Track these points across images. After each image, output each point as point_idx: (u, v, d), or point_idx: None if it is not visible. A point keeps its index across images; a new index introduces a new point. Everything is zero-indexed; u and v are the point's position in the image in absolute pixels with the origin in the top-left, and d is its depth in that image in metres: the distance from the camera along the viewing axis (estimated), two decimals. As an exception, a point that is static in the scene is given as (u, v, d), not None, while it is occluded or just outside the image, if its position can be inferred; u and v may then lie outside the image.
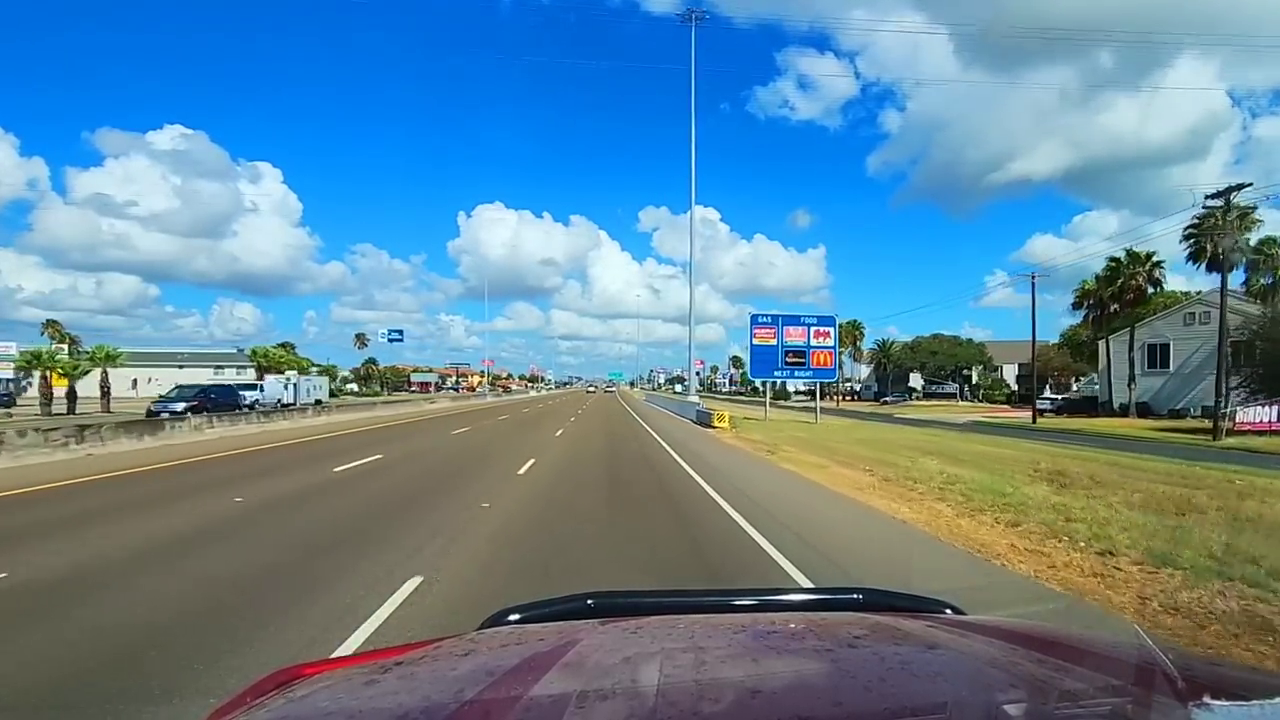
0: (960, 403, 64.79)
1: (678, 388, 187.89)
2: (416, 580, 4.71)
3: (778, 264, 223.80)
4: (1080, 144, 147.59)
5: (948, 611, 1.31)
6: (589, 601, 1.30)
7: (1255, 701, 0.84)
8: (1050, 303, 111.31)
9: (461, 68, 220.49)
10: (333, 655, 3.04)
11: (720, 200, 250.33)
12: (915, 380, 79.26)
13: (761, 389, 45.16)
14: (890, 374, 78.33)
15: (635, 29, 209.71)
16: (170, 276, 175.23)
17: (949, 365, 70.86)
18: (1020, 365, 76.34)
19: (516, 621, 1.26)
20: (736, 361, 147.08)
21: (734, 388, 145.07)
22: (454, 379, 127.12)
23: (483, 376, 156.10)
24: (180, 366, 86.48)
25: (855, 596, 1.37)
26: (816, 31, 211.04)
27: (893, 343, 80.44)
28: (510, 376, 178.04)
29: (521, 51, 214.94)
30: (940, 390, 71.07)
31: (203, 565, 5.11)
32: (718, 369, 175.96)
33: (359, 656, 1.17)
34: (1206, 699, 0.80)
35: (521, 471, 11.06)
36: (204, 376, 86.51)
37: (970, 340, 74.82)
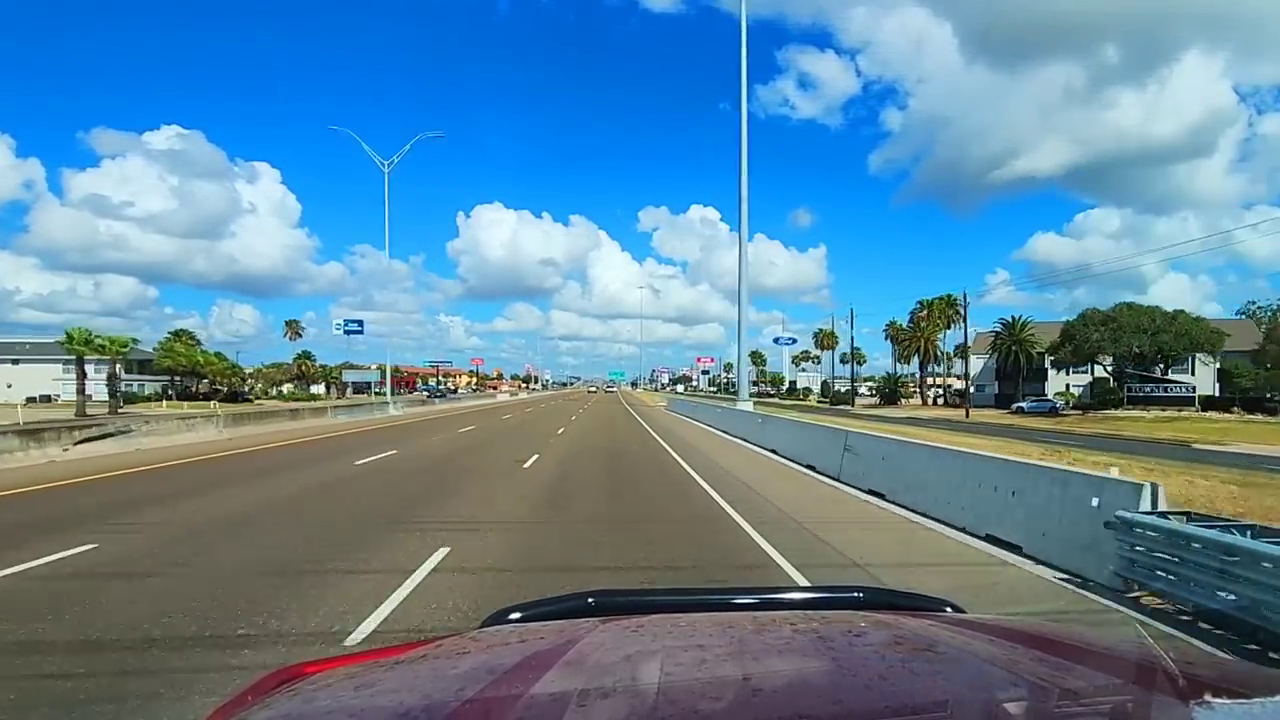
0: (1212, 415, 38.31)
1: (680, 388, 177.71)
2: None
3: (778, 263, 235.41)
4: (1085, 141, 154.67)
5: (948, 610, 1.36)
6: (590, 600, 1.37)
7: (1257, 699, 0.89)
8: (1051, 302, 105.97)
9: (460, 67, 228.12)
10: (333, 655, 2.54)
11: (720, 200, 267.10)
12: (1057, 378, 52.74)
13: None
14: (1023, 368, 51.13)
15: (634, 28, 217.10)
16: (169, 278, 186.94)
17: (1175, 350, 43.87)
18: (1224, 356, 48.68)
19: (518, 620, 1.33)
20: (757, 357, 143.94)
21: (752, 388, 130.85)
22: (435, 379, 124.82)
23: (471, 376, 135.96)
24: (15, 362, 59.55)
25: (856, 595, 1.41)
26: (819, 28, 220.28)
27: (1025, 322, 54.03)
28: (501, 377, 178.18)
29: (520, 51, 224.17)
30: (1160, 392, 44.08)
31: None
32: (731, 366, 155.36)
33: (360, 655, 1.30)
34: (1208, 697, 0.84)
35: None
36: (50, 375, 59.68)
37: (1197, 316, 47.37)
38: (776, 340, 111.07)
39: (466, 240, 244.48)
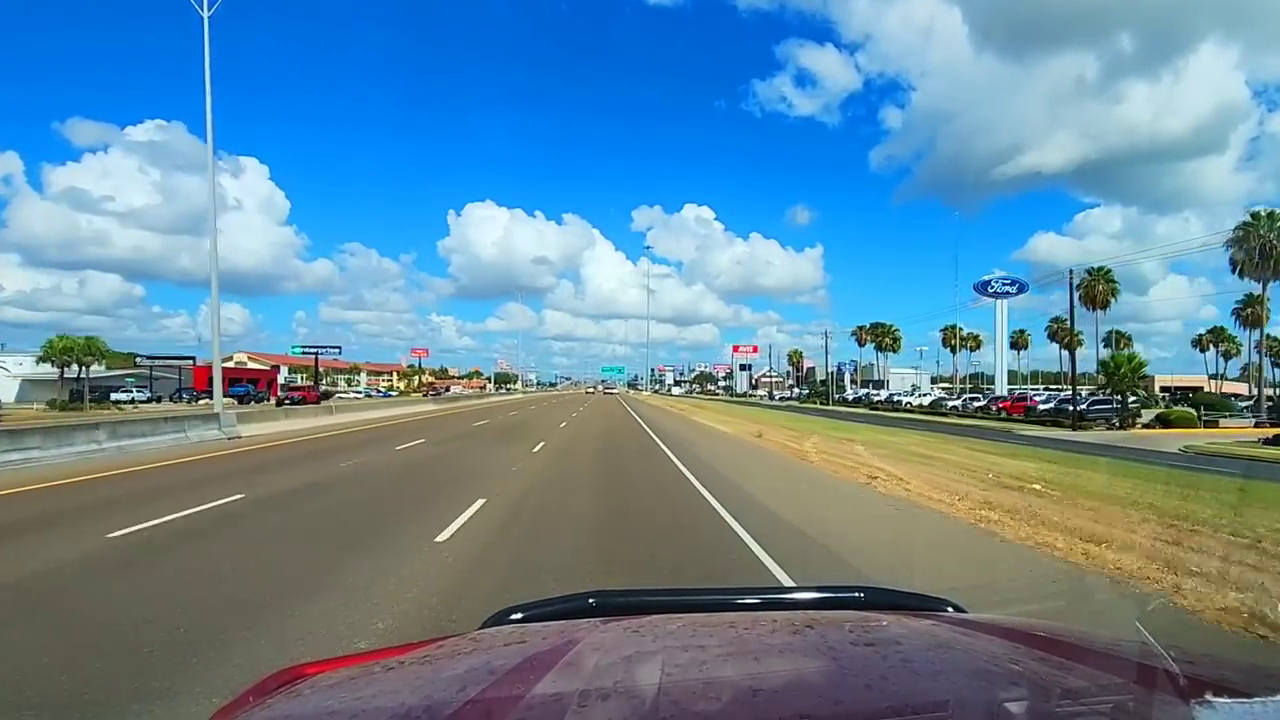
0: None
1: (677, 389, 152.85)
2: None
3: (775, 262, 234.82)
4: (1090, 138, 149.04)
5: (949, 610, 1.36)
6: (591, 600, 1.37)
7: (1258, 699, 0.89)
8: (1050, 304, 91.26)
9: (451, 64, 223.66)
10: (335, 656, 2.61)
11: (716, 199, 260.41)
12: None
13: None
14: None
15: (629, 25, 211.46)
16: (154, 275, 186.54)
17: None
18: None
19: (518, 620, 1.33)
20: (884, 334, 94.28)
21: (786, 395, 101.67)
22: (315, 376, 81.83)
23: (414, 375, 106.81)
24: None
25: (857, 595, 1.41)
26: (820, 19, 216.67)
27: None
28: (445, 373, 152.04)
29: (513, 48, 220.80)
30: None
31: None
32: (799, 358, 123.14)
33: (362, 655, 1.32)
34: (1209, 696, 0.84)
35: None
36: None
37: None
38: (983, 287, 54.77)
39: (457, 238, 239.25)
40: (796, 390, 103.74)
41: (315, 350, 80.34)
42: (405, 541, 7.03)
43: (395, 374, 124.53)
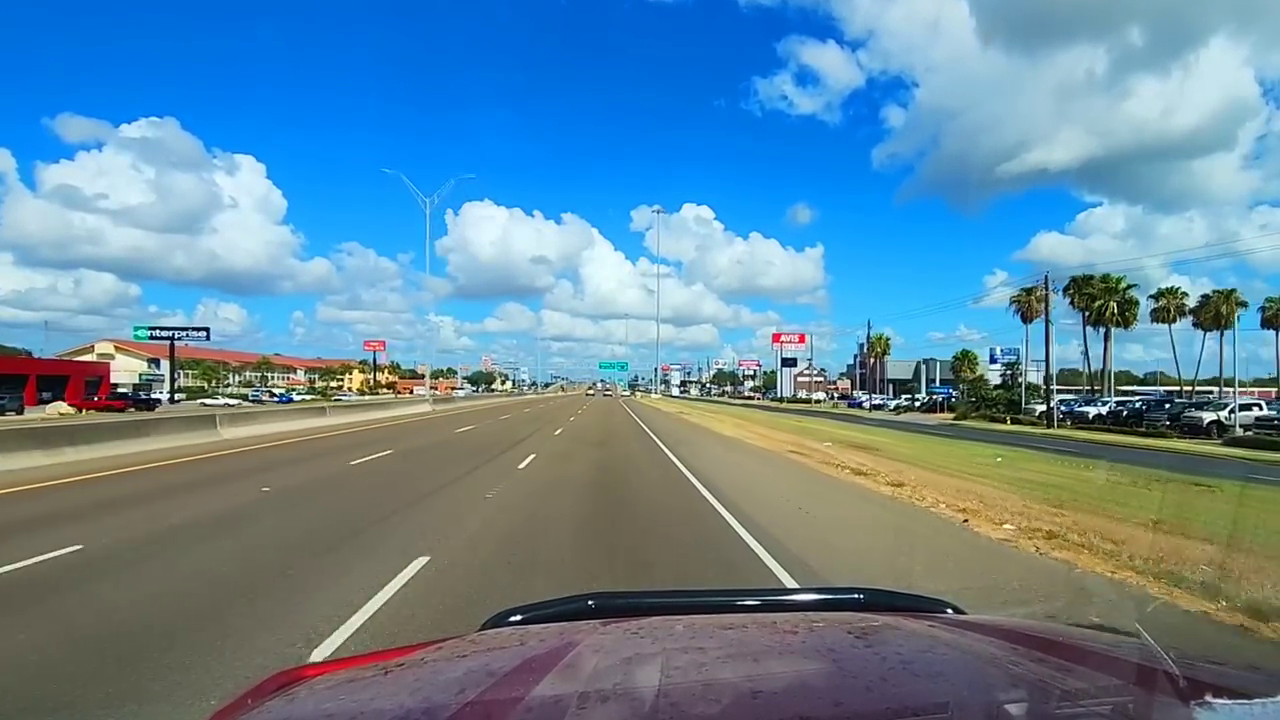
0: None
1: (689, 391, 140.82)
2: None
3: (775, 262, 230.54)
4: (1097, 135, 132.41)
5: (949, 611, 1.37)
6: (590, 602, 1.38)
7: (1257, 700, 0.90)
8: (1057, 310, 59.94)
9: (450, 63, 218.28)
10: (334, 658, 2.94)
11: (715, 198, 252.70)
12: None
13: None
14: None
15: (628, 23, 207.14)
16: (150, 274, 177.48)
17: None
18: None
19: (518, 622, 1.35)
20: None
21: (886, 402, 71.36)
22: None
23: (364, 371, 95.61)
24: None
25: (857, 596, 1.42)
26: (823, 15, 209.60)
27: None
28: (399, 370, 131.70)
29: (512, 46, 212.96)
30: None
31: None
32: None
33: (360, 658, 1.29)
34: (1208, 698, 0.85)
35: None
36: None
37: None
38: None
39: (455, 238, 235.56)
40: (892, 397, 69.73)
41: (170, 334, 55.18)
42: None
43: (328, 370, 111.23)
